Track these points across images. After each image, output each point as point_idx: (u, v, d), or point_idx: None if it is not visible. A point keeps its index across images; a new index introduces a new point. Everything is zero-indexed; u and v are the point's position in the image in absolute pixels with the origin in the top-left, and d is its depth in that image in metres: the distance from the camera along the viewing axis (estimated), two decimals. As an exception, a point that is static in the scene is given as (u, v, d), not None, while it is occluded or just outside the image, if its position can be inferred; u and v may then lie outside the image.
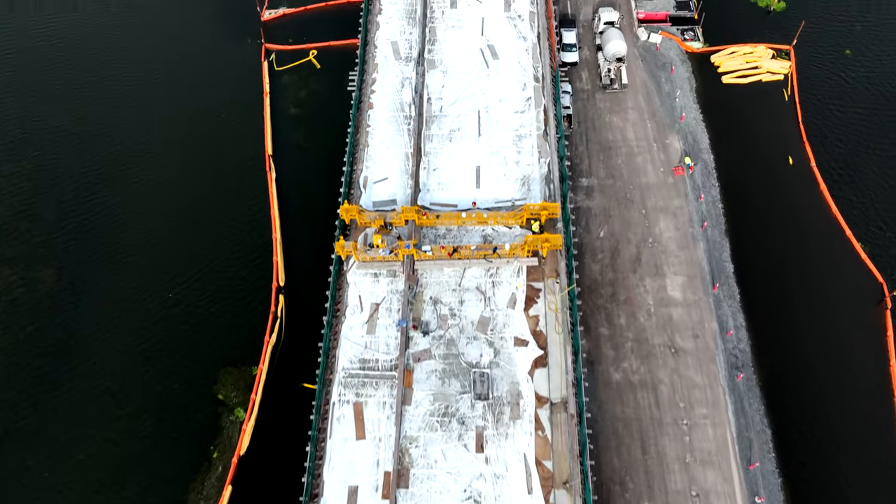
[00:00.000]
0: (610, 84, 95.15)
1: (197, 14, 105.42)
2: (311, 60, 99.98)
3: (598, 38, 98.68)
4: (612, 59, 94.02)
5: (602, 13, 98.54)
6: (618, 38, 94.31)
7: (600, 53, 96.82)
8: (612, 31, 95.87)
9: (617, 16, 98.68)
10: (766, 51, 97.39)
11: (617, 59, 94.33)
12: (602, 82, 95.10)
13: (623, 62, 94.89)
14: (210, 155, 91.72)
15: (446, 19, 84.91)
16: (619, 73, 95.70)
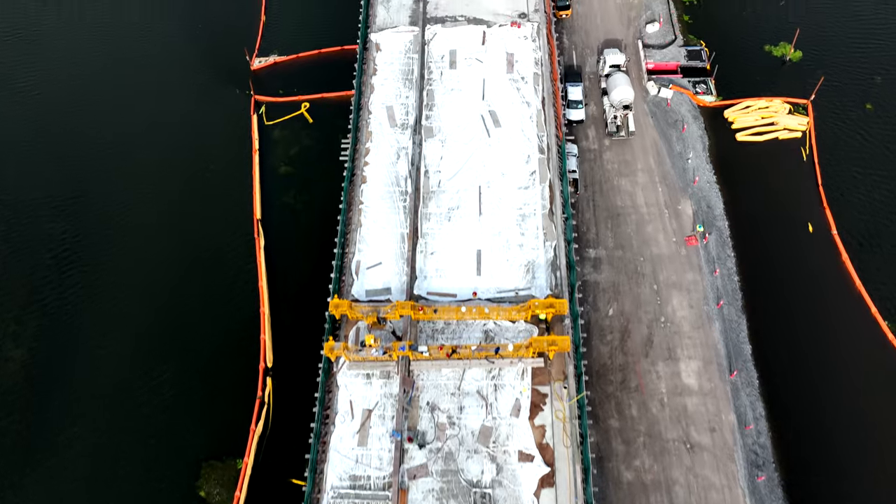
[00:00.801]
0: (616, 131, 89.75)
1: (183, 63, 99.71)
2: (304, 114, 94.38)
3: (604, 81, 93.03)
4: (619, 105, 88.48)
5: (607, 56, 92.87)
6: (625, 84, 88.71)
7: (605, 98, 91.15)
8: (619, 77, 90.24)
9: (623, 59, 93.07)
10: (783, 105, 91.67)
11: (624, 107, 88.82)
12: (608, 129, 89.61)
13: (630, 109, 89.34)
14: (195, 218, 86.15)
15: (445, 81, 79.17)
16: (625, 120, 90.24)
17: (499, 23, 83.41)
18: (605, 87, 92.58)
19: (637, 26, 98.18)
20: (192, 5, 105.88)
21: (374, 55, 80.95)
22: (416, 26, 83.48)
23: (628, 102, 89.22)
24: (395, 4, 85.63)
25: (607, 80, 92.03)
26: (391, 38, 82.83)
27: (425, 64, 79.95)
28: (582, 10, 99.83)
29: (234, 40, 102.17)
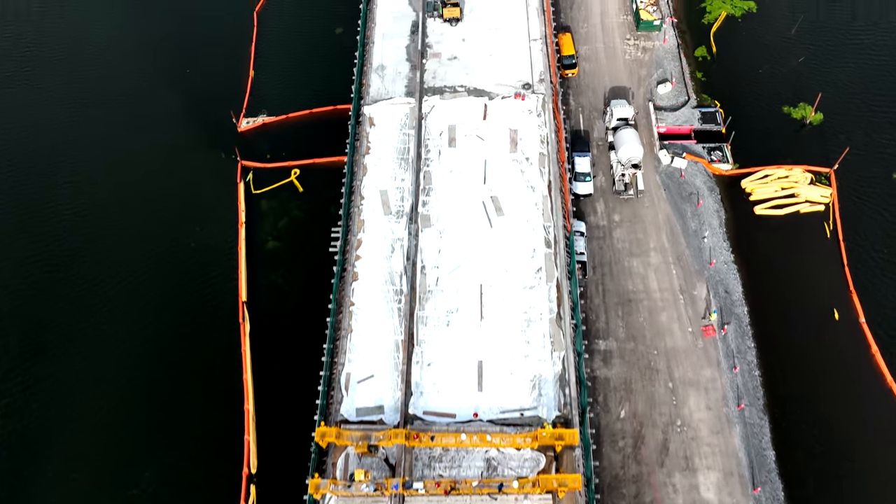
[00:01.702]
0: (624, 189, 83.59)
1: (166, 124, 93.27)
2: (293, 181, 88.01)
3: (611, 134, 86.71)
4: (627, 163, 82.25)
5: (615, 108, 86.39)
6: (633, 141, 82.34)
7: (612, 153, 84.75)
8: (627, 132, 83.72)
9: (631, 112, 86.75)
10: (804, 174, 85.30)
11: (632, 165, 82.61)
12: (615, 188, 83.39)
13: (639, 168, 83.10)
14: (176, 300, 79.76)
15: (443, 161, 72.76)
16: (634, 178, 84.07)
17: (501, 94, 77.02)
18: (612, 140, 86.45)
19: (647, 86, 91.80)
20: (178, 57, 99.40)
21: (368, 130, 74.55)
22: (412, 98, 77.07)
23: (637, 161, 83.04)
24: (391, 73, 79.18)
25: (614, 135, 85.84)
26: (386, 112, 76.43)
27: (422, 141, 73.56)
28: (589, 67, 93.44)
29: (221, 96, 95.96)
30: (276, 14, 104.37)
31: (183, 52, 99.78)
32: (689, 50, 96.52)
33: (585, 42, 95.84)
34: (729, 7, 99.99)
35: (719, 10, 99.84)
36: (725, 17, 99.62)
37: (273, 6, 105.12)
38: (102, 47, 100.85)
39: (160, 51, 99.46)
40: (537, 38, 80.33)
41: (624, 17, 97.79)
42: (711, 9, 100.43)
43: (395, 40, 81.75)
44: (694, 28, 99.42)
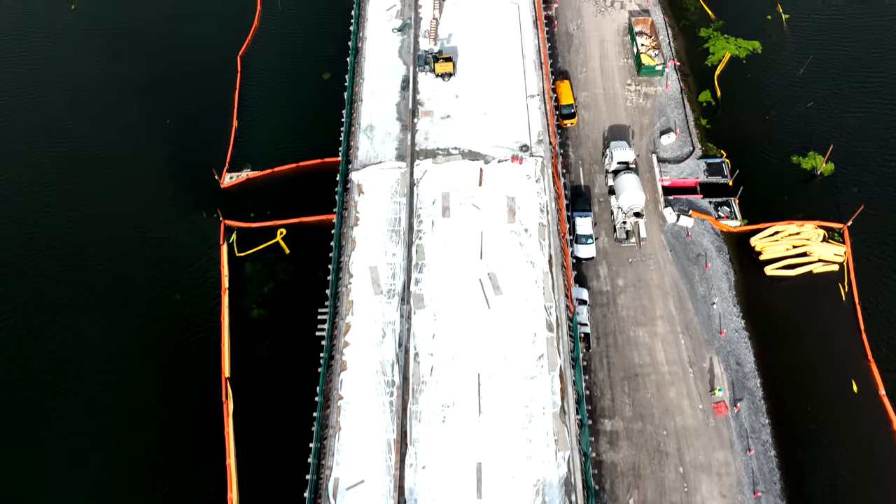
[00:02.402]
0: (626, 238, 78.93)
1: (144, 180, 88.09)
2: (279, 242, 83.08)
3: (611, 178, 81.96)
4: (629, 211, 77.56)
5: (615, 150, 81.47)
6: (635, 188, 77.57)
7: (613, 199, 80.00)
8: (628, 179, 78.82)
9: (632, 155, 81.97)
10: (816, 231, 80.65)
11: (634, 213, 77.95)
12: (616, 235, 78.76)
13: (642, 216, 78.43)
14: (154, 378, 74.77)
15: (437, 233, 67.86)
16: (636, 226, 79.43)
17: (497, 157, 72.15)
18: (613, 185, 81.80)
19: (650, 136, 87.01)
20: (157, 105, 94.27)
21: (356, 199, 69.60)
22: (403, 162, 72.13)
23: (639, 209, 78.39)
24: (380, 134, 74.22)
25: (615, 179, 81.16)
26: (375, 178, 71.47)
27: (414, 211, 68.64)
28: (589, 116, 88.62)
29: (203, 148, 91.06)
30: (261, 58, 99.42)
31: (162, 99, 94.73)
32: (692, 95, 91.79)
33: (584, 88, 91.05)
34: (733, 48, 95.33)
35: (723, 51, 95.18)
36: (729, 58, 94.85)
37: (257, 49, 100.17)
38: (75, 93, 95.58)
39: (137, 97, 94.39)
40: (535, 94, 75.47)
41: (625, 61, 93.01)
42: (715, 49, 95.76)
43: (385, 97, 76.80)
44: (697, 70, 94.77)
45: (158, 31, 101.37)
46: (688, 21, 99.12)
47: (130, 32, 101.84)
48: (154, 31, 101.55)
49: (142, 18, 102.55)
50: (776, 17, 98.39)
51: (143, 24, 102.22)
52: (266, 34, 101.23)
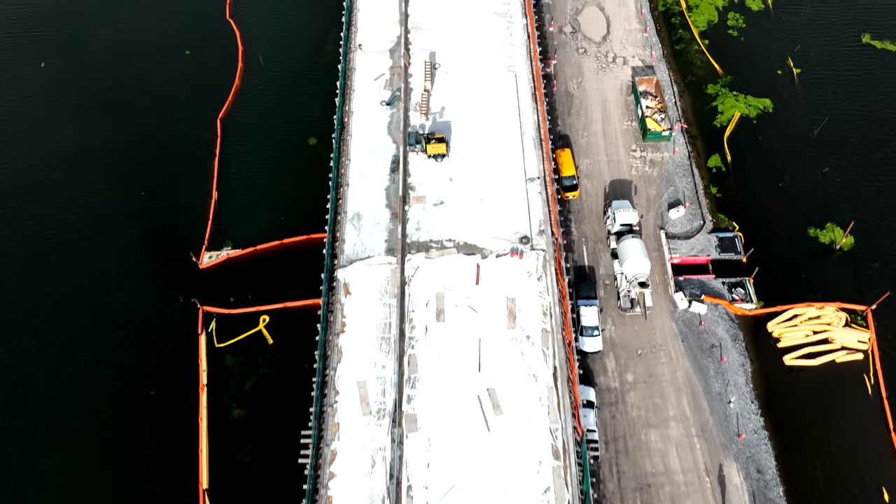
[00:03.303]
0: (630, 307, 73.10)
1: (114, 258, 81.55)
2: (262, 331, 76.87)
3: (613, 240, 76.06)
4: (633, 280, 71.62)
5: (617, 211, 75.72)
6: (639, 255, 71.63)
7: (616, 264, 74.26)
8: (632, 245, 72.85)
9: (636, 217, 76.12)
10: (838, 314, 74.85)
11: (640, 284, 72.11)
12: (620, 304, 73.21)
13: (647, 286, 72.61)
14: (121, 493, 68.53)
15: (431, 341, 61.65)
16: (641, 296, 73.63)
17: (496, 251, 66.01)
18: (615, 248, 75.96)
19: (658, 209, 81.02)
20: (131, 172, 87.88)
21: (343, 301, 63.37)
22: (393, 257, 65.95)
23: (644, 279, 72.53)
24: (368, 223, 67.97)
25: (618, 244, 75.29)
26: (363, 276, 65.22)
27: (406, 314, 62.43)
28: (592, 187, 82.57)
29: (180, 221, 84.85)
30: (242, 121, 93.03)
31: (137, 167, 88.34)
32: (701, 160, 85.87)
33: (586, 154, 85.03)
34: (742, 106, 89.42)
35: (732, 110, 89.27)
36: (739, 117, 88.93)
37: (238, 111, 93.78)
38: (43, 160, 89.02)
39: (110, 164, 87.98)
40: (535, 177, 69.38)
41: (629, 124, 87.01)
42: (723, 108, 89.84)
43: (373, 180, 70.61)
44: (705, 132, 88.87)
45: (133, 91, 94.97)
46: (694, 76, 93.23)
47: (103, 92, 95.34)
48: (128, 91, 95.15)
49: (115, 77, 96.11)
50: (787, 72, 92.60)
51: (116, 83, 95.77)
52: (247, 94, 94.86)
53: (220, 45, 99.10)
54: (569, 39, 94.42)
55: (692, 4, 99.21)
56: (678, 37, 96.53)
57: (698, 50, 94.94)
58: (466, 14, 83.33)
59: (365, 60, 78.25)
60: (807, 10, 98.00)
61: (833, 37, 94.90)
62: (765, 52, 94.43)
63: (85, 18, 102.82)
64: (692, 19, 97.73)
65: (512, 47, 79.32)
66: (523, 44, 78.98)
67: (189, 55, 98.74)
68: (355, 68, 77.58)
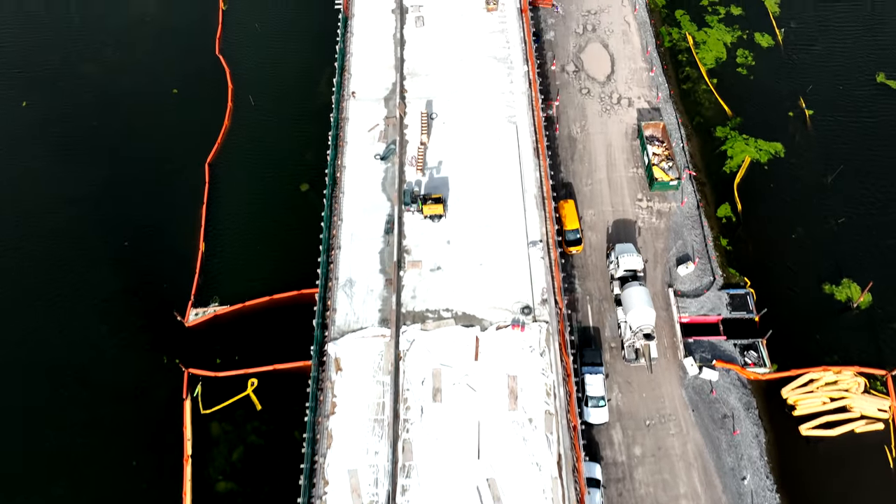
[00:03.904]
0: (635, 358, 69.12)
1: (92, 315, 77.42)
2: (250, 395, 72.77)
3: (616, 286, 72.25)
4: (637, 331, 67.52)
5: (621, 256, 71.95)
6: (644, 304, 67.75)
7: (620, 311, 70.36)
8: (636, 294, 68.98)
9: (640, 263, 72.16)
10: (856, 380, 70.77)
11: (644, 335, 68.08)
12: (624, 355, 69.67)
13: (652, 338, 68.56)
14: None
15: (427, 424, 57.46)
16: (647, 348, 69.62)
17: (496, 322, 61.87)
18: (618, 294, 72.02)
19: (665, 265, 76.88)
20: (112, 220, 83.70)
21: (333, 379, 59.21)
22: (387, 328, 61.80)
23: (649, 330, 68.53)
24: (361, 290, 63.78)
25: (621, 289, 71.42)
26: (355, 349, 61.04)
27: (400, 394, 58.27)
28: (596, 240, 78.44)
29: (165, 274, 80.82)
30: (231, 165, 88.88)
31: (121, 214, 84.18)
32: (710, 209, 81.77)
33: (590, 204, 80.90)
34: (753, 151, 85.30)
35: (742, 155, 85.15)
36: (750, 163, 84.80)
37: (227, 155, 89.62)
38: (24, 207, 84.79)
39: (93, 210, 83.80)
40: (537, 239, 65.24)
41: (634, 171, 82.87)
42: (733, 153, 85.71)
43: (366, 242, 66.45)
44: (714, 178, 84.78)
45: (118, 132, 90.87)
46: (702, 118, 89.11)
47: (86, 134, 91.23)
48: (113, 132, 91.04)
49: (100, 116, 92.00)
50: (799, 114, 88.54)
51: (101, 123, 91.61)
52: (237, 136, 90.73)
53: (209, 82, 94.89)
54: (571, 79, 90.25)
55: (699, 40, 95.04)
56: (685, 75, 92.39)
57: (706, 89, 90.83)
58: (465, 59, 79.24)
59: (358, 109, 74.14)
60: (818, 48, 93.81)
61: (846, 76, 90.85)
62: (775, 92, 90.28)
63: (70, 54, 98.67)
64: (699, 56, 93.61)
65: (513, 96, 75.22)
66: (524, 92, 74.84)
67: (177, 94, 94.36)
68: (348, 118, 73.43)
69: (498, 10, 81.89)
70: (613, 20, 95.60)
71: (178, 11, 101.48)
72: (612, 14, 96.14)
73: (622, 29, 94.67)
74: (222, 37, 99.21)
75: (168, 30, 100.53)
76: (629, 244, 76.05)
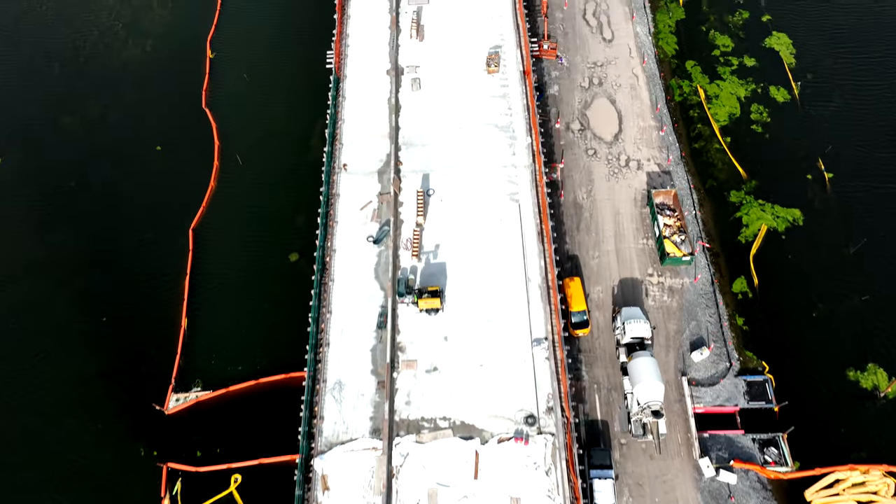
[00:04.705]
0: (642, 434, 63.80)
1: (67, 403, 72.15)
2: (233, 494, 67.37)
3: (623, 353, 67.11)
4: (646, 407, 62.32)
5: (628, 323, 67.00)
6: (653, 378, 62.66)
7: (626, 380, 65.49)
8: (644, 365, 63.86)
9: (649, 330, 66.91)
10: (885, 480, 65.33)
11: (653, 412, 62.70)
12: (631, 430, 64.61)
13: (661, 415, 63.22)
14: None
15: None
16: (655, 425, 64.27)
17: (497, 434, 56.39)
18: (624, 362, 66.76)
19: (679, 351, 71.40)
20: (90, 292, 78.45)
21: (320, 500, 53.70)
22: (379, 440, 56.27)
23: (658, 406, 63.30)
24: (351, 394, 58.23)
25: (627, 357, 66.34)
26: (344, 464, 55.52)
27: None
28: (605, 321, 73.04)
29: (145, 355, 75.52)
30: (217, 230, 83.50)
31: (98, 285, 79.15)
32: (725, 283, 76.30)
33: (598, 280, 75.43)
34: (769, 218, 79.85)
35: (758, 223, 79.68)
36: (766, 231, 79.35)
37: (213, 219, 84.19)
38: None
39: (68, 281, 78.74)
40: (542, 337, 59.80)
41: (644, 242, 77.43)
42: (748, 220, 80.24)
43: (357, 338, 61.01)
44: (729, 247, 79.31)
45: (98, 192, 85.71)
46: (715, 181, 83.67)
47: (64, 195, 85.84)
48: (93, 193, 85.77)
49: (79, 175, 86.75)
50: (817, 177, 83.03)
51: (78, 185, 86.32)
52: (223, 199, 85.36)
53: (194, 139, 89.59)
54: (577, 138, 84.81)
55: (711, 94, 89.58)
56: (697, 132, 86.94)
57: (719, 149, 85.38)
58: (464, 126, 73.75)
59: (350, 184, 68.73)
60: (836, 104, 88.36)
61: (868, 136, 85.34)
62: (792, 153, 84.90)
63: (49, 107, 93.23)
64: (712, 112, 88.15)
65: (515, 169, 69.78)
66: (528, 166, 69.39)
67: (160, 150, 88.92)
68: (339, 194, 68.00)
69: (499, 71, 76.38)
70: (621, 73, 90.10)
71: (163, 60, 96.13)
72: (620, 66, 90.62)
73: (630, 82, 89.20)
74: (209, 88, 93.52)
75: (152, 79, 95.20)
76: (636, 308, 71.06)
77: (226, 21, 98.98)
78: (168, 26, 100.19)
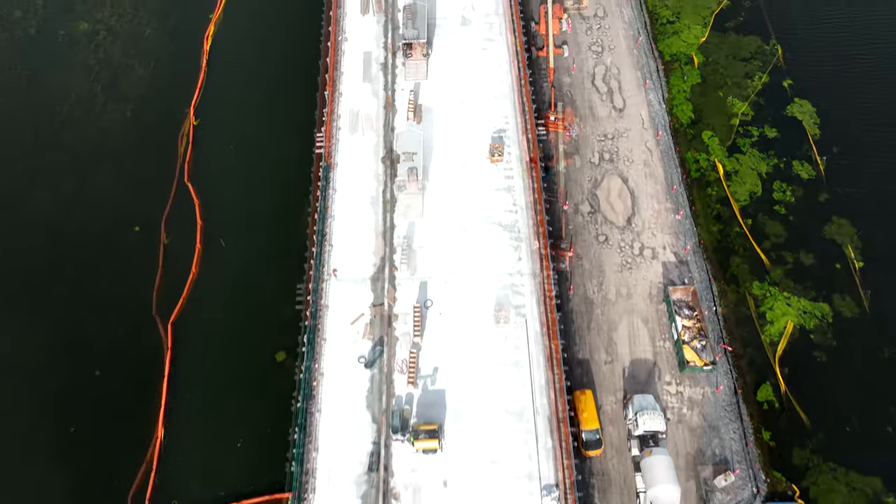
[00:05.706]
0: None
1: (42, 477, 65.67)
2: None
3: (633, 445, 61.84)
4: None
5: (640, 415, 62.15)
6: (668, 480, 58.15)
7: (639, 477, 60.63)
8: (660, 465, 59.08)
9: (663, 422, 61.19)
10: None
11: None
12: None
13: None
14: None
15: None
16: None
17: None
18: (637, 458, 60.49)
19: (701, 476, 64.75)
20: (63, 394, 72.08)
21: None
22: None
23: None
24: None
25: (642, 456, 60.85)
26: None
27: None
28: (619, 438, 66.33)
29: (115, 469, 69.16)
30: (197, 326, 76.70)
31: (70, 384, 73.10)
32: (749, 392, 69.73)
33: (610, 390, 68.84)
34: (795, 314, 73.23)
35: (784, 319, 73.06)
36: (793, 328, 72.64)
37: (193, 312, 77.42)
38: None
39: (34, 381, 72.48)
40: (552, 484, 53.22)
41: (661, 344, 70.76)
42: (773, 316, 73.60)
43: (347, 485, 54.18)
44: (752, 348, 72.77)
45: (70, 279, 78.99)
46: (736, 270, 76.84)
47: (33, 281, 79.13)
48: (65, 279, 79.11)
49: (49, 260, 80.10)
50: (845, 266, 76.29)
51: (50, 268, 79.54)
52: (204, 287, 78.59)
53: (175, 218, 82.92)
54: (587, 222, 78.12)
55: (730, 169, 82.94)
56: (716, 214, 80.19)
57: (740, 233, 78.73)
58: (466, 225, 66.91)
59: (340, 293, 62.04)
60: (866, 181, 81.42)
61: (900, 218, 78.49)
62: (819, 238, 78.40)
63: (20, 181, 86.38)
64: (731, 189, 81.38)
65: (522, 278, 63.07)
66: (536, 274, 62.52)
67: (139, 231, 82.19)
68: (328, 305, 61.21)
69: (503, 160, 69.62)
70: (633, 146, 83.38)
71: (143, 127, 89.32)
72: (632, 138, 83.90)
73: (643, 158, 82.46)
74: (192, 160, 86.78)
75: (131, 149, 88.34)
76: (649, 396, 65.50)
77: (211, 84, 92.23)
78: (149, 87, 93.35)
